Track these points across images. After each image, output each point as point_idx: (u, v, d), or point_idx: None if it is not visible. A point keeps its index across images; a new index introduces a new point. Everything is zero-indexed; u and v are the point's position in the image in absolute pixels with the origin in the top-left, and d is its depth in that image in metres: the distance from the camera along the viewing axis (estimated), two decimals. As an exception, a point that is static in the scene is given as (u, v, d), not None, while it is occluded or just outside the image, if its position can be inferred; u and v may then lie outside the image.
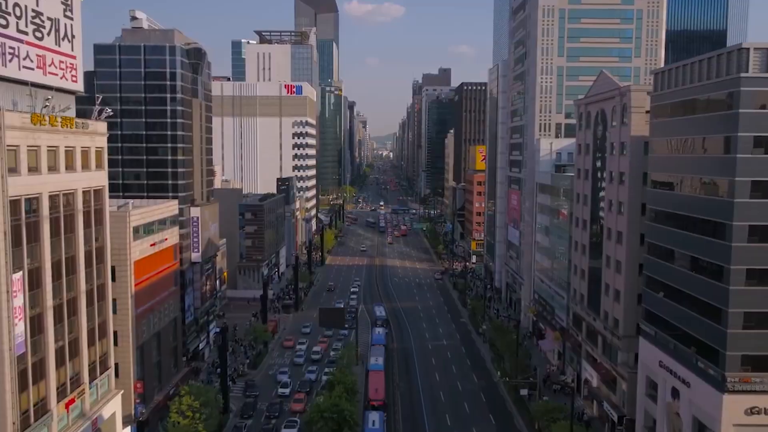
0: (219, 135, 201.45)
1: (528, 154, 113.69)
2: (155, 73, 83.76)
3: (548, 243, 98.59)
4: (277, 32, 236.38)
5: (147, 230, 68.79)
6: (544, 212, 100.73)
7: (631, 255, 66.23)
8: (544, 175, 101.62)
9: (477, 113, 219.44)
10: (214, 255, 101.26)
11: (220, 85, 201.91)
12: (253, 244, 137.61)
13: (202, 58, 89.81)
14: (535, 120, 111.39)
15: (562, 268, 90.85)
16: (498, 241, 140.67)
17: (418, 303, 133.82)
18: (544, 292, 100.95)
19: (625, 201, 66.49)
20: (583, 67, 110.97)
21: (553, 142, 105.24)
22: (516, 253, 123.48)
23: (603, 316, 72.46)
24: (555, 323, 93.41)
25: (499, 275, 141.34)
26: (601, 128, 74.83)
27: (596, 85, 77.10)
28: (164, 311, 74.07)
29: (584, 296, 79.56)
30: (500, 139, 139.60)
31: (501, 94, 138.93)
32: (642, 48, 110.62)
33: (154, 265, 70.26)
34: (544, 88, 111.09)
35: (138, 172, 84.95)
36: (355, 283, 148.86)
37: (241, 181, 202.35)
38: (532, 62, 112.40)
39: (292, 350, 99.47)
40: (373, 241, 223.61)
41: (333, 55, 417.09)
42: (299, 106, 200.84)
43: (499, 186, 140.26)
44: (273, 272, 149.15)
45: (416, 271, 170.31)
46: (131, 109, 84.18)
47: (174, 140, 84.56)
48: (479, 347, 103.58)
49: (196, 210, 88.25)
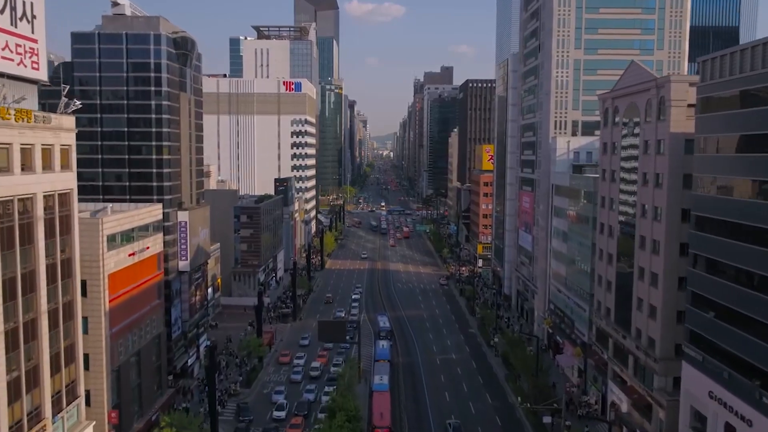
0: (215, 134, 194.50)
1: (542, 154, 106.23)
2: (138, 64, 76.22)
3: (566, 249, 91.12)
4: (276, 27, 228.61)
5: (125, 238, 61.35)
6: (561, 216, 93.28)
7: (669, 267, 58.78)
8: (561, 176, 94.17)
9: (483, 111, 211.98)
10: (205, 262, 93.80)
11: (216, 81, 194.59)
12: (248, 248, 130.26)
13: (190, 49, 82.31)
14: (550, 117, 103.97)
15: (583, 277, 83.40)
16: (507, 245, 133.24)
17: (423, 311, 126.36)
18: (560, 302, 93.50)
19: (663, 206, 59.02)
20: (601, 60, 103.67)
21: (570, 141, 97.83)
22: (528, 259, 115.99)
23: (635, 333, 64.99)
24: (575, 337, 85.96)
25: (508, 281, 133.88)
26: (631, 124, 67.36)
27: (626, 77, 69.60)
28: (146, 328, 66.60)
29: (611, 310, 72.11)
30: (510, 138, 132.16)
31: (511, 90, 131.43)
32: (665, 40, 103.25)
33: (134, 276, 62.80)
34: (560, 83, 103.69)
35: (119, 173, 77.42)
36: (356, 289, 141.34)
37: (237, 182, 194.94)
38: (547, 55, 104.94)
39: (289, 365, 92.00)
40: (374, 243, 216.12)
41: (333, 52, 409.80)
42: (298, 104, 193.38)
43: (508, 187, 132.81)
44: (270, 278, 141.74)
45: (420, 276, 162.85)
46: (112, 103, 76.65)
47: (159, 138, 77.04)
48: (491, 362, 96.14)
49: (184, 214, 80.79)
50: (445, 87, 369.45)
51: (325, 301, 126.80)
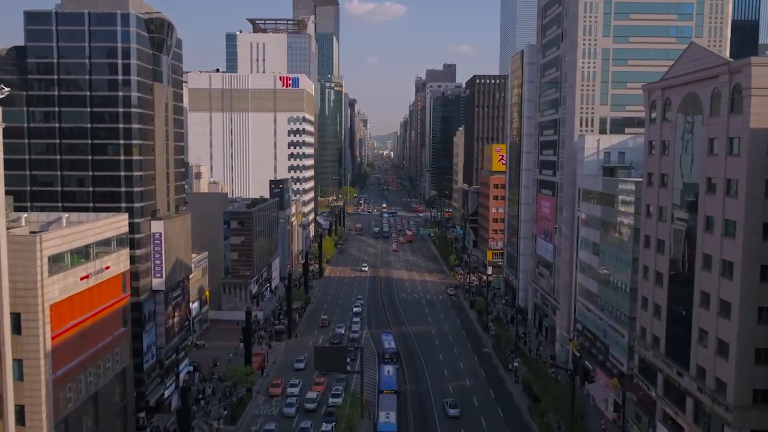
0: (207, 132, 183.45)
1: (566, 154, 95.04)
2: (103, 48, 65.02)
3: (597, 263, 79.91)
4: (272, 20, 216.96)
5: (77, 258, 50.15)
6: (592, 225, 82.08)
7: (746, 294, 47.59)
8: (591, 180, 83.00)
9: (491, 108, 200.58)
10: (186, 277, 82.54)
11: (208, 77, 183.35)
12: (240, 257, 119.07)
13: (167, 33, 71.07)
14: (575, 113, 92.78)
15: (621, 297, 72.23)
16: (522, 254, 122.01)
17: (431, 326, 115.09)
18: (590, 322, 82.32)
19: (739, 219, 47.79)
20: (633, 49, 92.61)
21: (600, 139, 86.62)
22: (548, 270, 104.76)
23: (695, 372, 53.81)
24: (610, 366, 74.79)
25: (524, 293, 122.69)
26: (690, 119, 56.15)
27: (682, 63, 58.33)
28: (106, 363, 55.39)
29: (660, 340, 60.91)
30: (525, 137, 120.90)
31: (527, 85, 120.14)
32: (704, 26, 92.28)
33: (88, 304, 51.59)
34: (586, 75, 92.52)
35: (81, 177, 66.17)
36: (357, 301, 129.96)
37: (231, 183, 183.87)
38: (571, 44, 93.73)
39: (281, 396, 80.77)
40: (375, 248, 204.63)
41: (333, 49, 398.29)
42: (295, 100, 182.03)
43: (523, 190, 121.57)
44: (264, 288, 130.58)
45: (426, 285, 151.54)
46: (72, 95, 65.43)
47: (128, 135, 65.82)
48: (510, 389, 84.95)
49: (159, 224, 69.50)
50: (448, 85, 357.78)
51: (320, 324, 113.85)
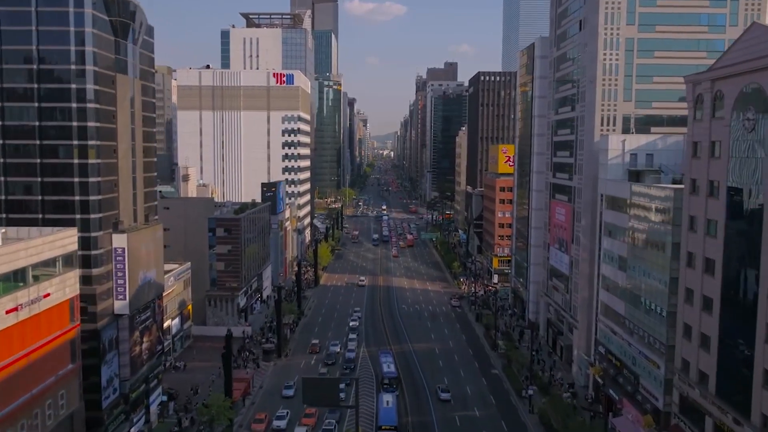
0: (197, 132, 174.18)
1: (585, 156, 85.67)
2: (53, 33, 55.60)
3: (624, 281, 70.44)
4: (267, 15, 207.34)
5: (6, 285, 40.72)
6: (617, 236, 72.64)
7: (833, 334, 38.24)
8: (617, 186, 73.56)
9: (496, 107, 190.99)
10: (159, 296, 73.02)
11: (198, 73, 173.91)
12: (226, 267, 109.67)
13: (133, 17, 61.67)
14: (595, 110, 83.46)
15: (655, 322, 62.81)
16: (533, 263, 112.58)
17: (434, 343, 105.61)
18: (616, 347, 72.90)
19: (824, 240, 38.44)
20: (660, 39, 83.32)
21: (626, 140, 77.19)
22: (564, 284, 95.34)
23: (761, 422, 44.39)
24: (641, 399, 65.36)
25: (534, 306, 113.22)
26: (751, 116, 46.73)
27: (741, 48, 48.86)
28: (46, 412, 45.95)
29: (708, 377, 51.51)
30: (536, 137, 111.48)
31: (538, 80, 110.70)
32: (739, 14, 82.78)
33: (19, 342, 42.18)
34: (608, 68, 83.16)
35: (28, 183, 56.77)
36: (354, 314, 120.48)
37: (222, 186, 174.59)
38: (591, 34, 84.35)
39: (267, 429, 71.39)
40: (375, 253, 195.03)
41: (332, 47, 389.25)
42: (290, 98, 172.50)
43: (534, 195, 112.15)
44: (254, 300, 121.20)
45: (428, 295, 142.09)
46: (17, 88, 56.11)
47: (83, 135, 56.43)
48: (525, 420, 75.53)
49: (122, 238, 60.04)
50: (450, 83, 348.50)
51: (309, 350, 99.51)
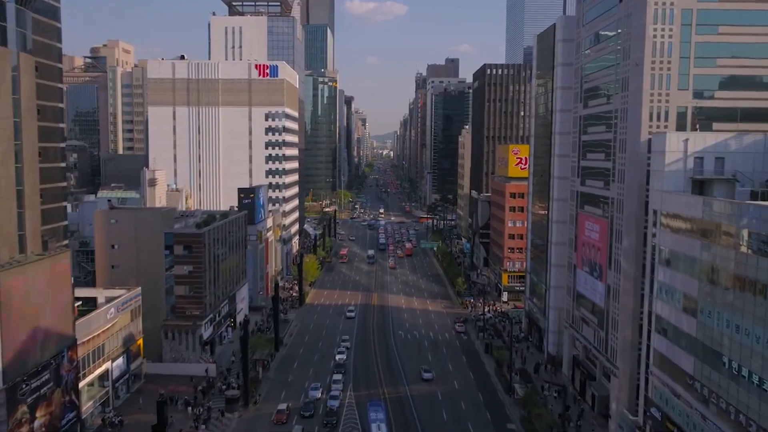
0: (170, 130, 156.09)
1: (628, 159, 67.52)
2: None
3: (694, 329, 52.23)
4: (251, 1, 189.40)
5: None
6: (682, 268, 54.45)
7: None
8: (681, 201, 55.39)
9: (504, 103, 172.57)
10: (70, 348, 54.63)
11: (171, 65, 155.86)
12: (187, 291, 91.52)
13: (13, -34, 43.36)
14: (642, 102, 65.38)
15: (747, 393, 44.67)
16: (554, 286, 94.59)
17: (436, 386, 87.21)
18: (678, 413, 54.75)
19: None
20: (726, 9, 65.13)
21: (689, 139, 58.94)
22: (596, 318, 77.16)
23: None
24: (725, 499, 47.22)
25: (554, 337, 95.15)
26: None
27: None
28: None
29: None
30: (558, 135, 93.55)
31: (560, 68, 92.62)
32: (829, -23, 64.55)
33: None
34: (659, 48, 65.14)
35: None
36: (342, 345, 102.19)
37: (198, 191, 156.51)
38: (637, 4, 66.19)
39: None
40: (370, 266, 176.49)
41: (327, 42, 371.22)
42: (274, 92, 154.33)
43: (556, 205, 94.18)
44: (224, 327, 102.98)
45: (428, 317, 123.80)
46: None
47: None
48: (556, 508, 57.38)
49: (-11, 280, 41.82)
50: (451, 80, 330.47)
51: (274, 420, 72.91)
